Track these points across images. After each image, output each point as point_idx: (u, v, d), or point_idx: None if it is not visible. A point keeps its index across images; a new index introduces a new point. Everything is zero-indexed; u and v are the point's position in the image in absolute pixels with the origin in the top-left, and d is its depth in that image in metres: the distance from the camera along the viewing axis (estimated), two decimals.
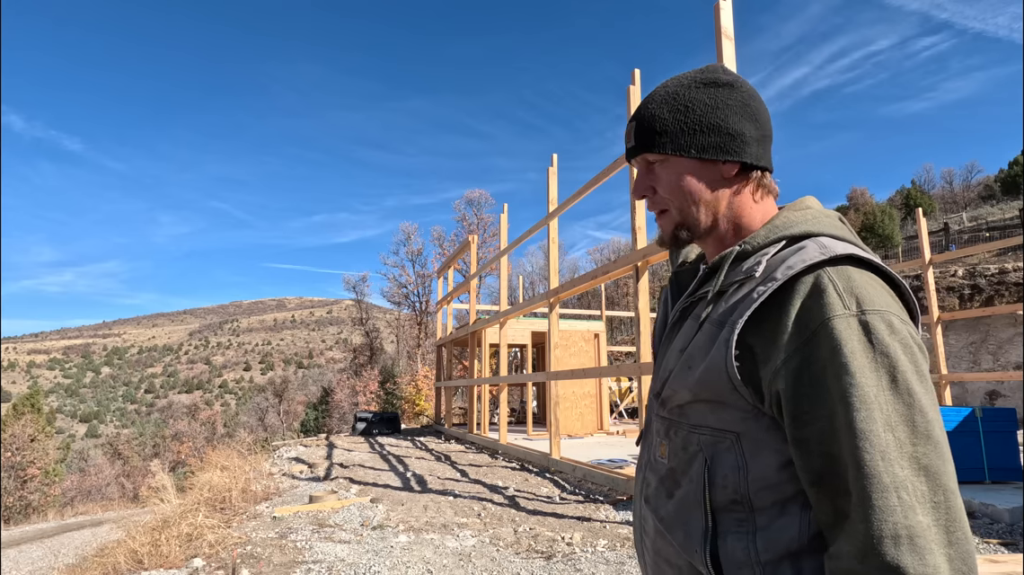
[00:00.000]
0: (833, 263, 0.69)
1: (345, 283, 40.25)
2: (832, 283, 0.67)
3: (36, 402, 27.65)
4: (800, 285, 0.68)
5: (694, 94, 0.83)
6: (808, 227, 0.76)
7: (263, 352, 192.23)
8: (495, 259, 10.95)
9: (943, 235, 25.69)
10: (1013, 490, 4.85)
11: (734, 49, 4.61)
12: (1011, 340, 13.42)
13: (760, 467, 0.70)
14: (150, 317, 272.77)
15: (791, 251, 0.73)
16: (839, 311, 0.65)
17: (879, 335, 0.64)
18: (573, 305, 29.08)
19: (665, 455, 0.81)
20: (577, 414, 12.05)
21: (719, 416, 0.74)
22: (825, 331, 0.65)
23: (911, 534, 0.58)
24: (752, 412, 0.71)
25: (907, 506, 0.59)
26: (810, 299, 0.67)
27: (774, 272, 0.71)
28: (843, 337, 0.64)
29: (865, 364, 0.63)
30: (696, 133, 0.81)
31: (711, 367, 0.73)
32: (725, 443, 0.73)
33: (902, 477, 0.60)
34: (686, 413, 0.78)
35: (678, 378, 0.79)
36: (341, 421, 31.73)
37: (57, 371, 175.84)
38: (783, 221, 0.78)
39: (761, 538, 0.70)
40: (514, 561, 3.92)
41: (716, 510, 0.73)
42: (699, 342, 0.77)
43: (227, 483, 6.58)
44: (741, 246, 0.78)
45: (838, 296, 0.66)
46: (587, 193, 7.17)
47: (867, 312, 0.65)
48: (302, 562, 3.98)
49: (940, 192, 47.21)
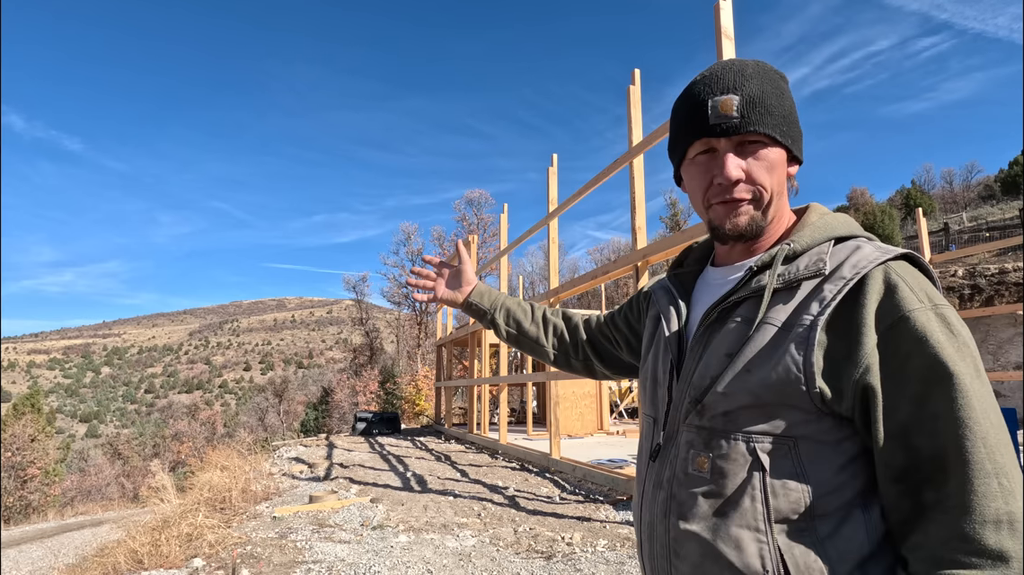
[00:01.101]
0: (895, 260, 0.71)
1: (345, 283, 40.31)
2: (902, 279, 0.68)
3: (36, 402, 27.64)
4: (871, 281, 0.69)
5: (779, 82, 0.80)
6: (851, 229, 0.78)
7: (263, 352, 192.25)
8: (495, 259, 10.95)
9: (943, 235, 25.68)
10: None
11: (734, 49, 4.61)
12: (1011, 340, 13.42)
13: (819, 472, 0.69)
14: (150, 317, 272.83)
15: (845, 250, 0.74)
16: (916, 304, 0.66)
17: (956, 327, 0.66)
18: (573, 305, 29.09)
19: (706, 468, 0.75)
20: (577, 414, 12.06)
21: (777, 421, 0.71)
22: (907, 323, 0.65)
23: (1012, 519, 0.59)
24: (815, 414, 0.69)
25: (1007, 492, 0.60)
26: (886, 295, 0.68)
27: (839, 270, 0.71)
28: (928, 328, 0.65)
29: (954, 353, 0.64)
30: (790, 124, 0.79)
31: (782, 369, 0.70)
32: (782, 450, 0.70)
33: (1002, 463, 0.60)
34: (735, 420, 0.73)
35: (731, 383, 0.74)
36: (341, 421, 31.72)
37: (57, 371, 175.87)
38: (823, 223, 0.78)
39: (831, 546, 0.68)
40: (514, 561, 3.92)
41: (777, 521, 0.70)
42: (759, 344, 0.73)
43: (227, 483, 6.58)
44: (790, 244, 0.76)
45: (911, 291, 0.67)
46: (587, 193, 7.17)
47: (940, 306, 0.67)
48: (302, 562, 3.97)
49: (940, 192, 47.17)
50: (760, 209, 0.78)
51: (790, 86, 0.83)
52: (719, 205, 0.79)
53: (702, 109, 0.77)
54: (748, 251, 0.84)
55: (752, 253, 0.83)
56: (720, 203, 0.79)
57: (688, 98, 0.81)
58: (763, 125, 0.76)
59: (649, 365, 0.92)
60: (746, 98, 0.76)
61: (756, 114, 0.76)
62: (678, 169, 0.86)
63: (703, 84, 0.79)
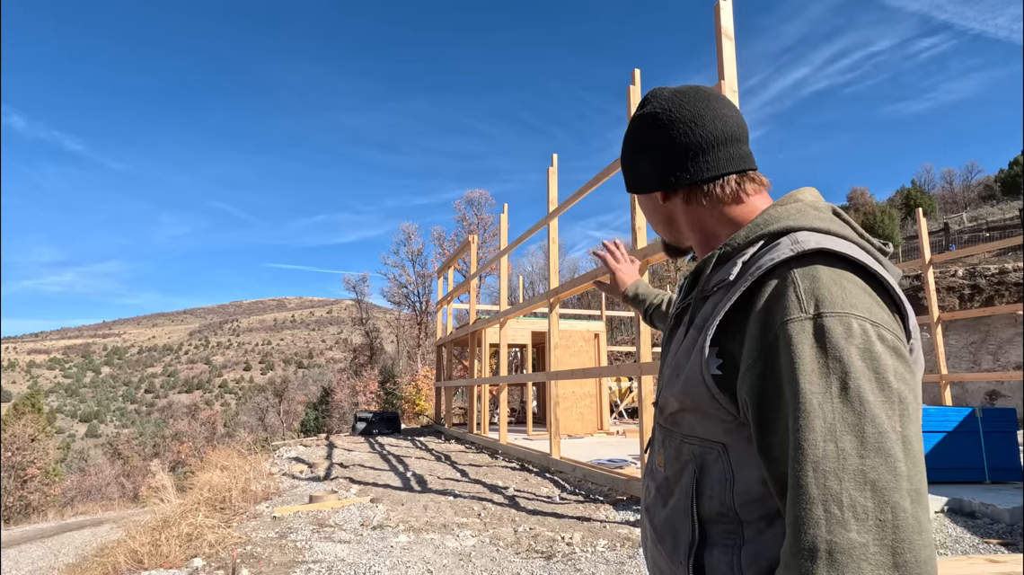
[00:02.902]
0: (801, 260, 0.65)
1: (345, 283, 40.31)
2: (794, 283, 0.63)
3: (36, 402, 27.65)
4: (765, 287, 0.65)
5: (637, 138, 0.89)
6: (789, 222, 0.71)
7: (263, 352, 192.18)
8: (495, 259, 10.94)
9: (943, 235, 25.68)
10: (1013, 490, 4.85)
11: (734, 49, 4.61)
12: (1011, 340, 13.42)
13: (746, 479, 0.68)
14: (150, 317, 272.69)
15: (766, 250, 0.70)
16: (795, 314, 0.61)
17: (833, 339, 0.59)
18: (573, 305, 29.08)
19: (662, 464, 0.81)
20: (577, 414, 12.05)
21: (705, 426, 0.72)
22: (783, 335, 0.61)
23: (831, 549, 0.54)
24: (734, 423, 0.69)
25: (836, 520, 0.54)
26: (772, 301, 0.64)
27: (746, 273, 0.69)
28: (795, 341, 0.60)
29: (814, 370, 0.59)
30: (639, 171, 0.90)
31: (691, 375, 0.72)
32: (713, 454, 0.71)
33: (836, 490, 0.55)
34: (678, 422, 0.77)
35: (669, 386, 0.79)
36: (341, 421, 31.73)
37: (57, 371, 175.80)
38: (764, 218, 0.75)
39: (746, 552, 0.68)
40: (514, 561, 3.92)
41: (704, 521, 0.72)
42: (685, 348, 0.76)
43: (227, 483, 6.58)
44: (722, 249, 0.76)
45: (796, 298, 0.62)
46: (587, 193, 7.17)
47: (824, 315, 0.60)
48: (302, 562, 3.97)
49: (940, 192, 47.16)
50: (663, 236, 0.93)
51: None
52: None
53: None
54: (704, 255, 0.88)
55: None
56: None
57: None
58: (627, 185, 0.93)
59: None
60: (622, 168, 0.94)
61: (625, 180, 0.94)
62: None
63: None
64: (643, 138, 0.87)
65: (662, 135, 0.84)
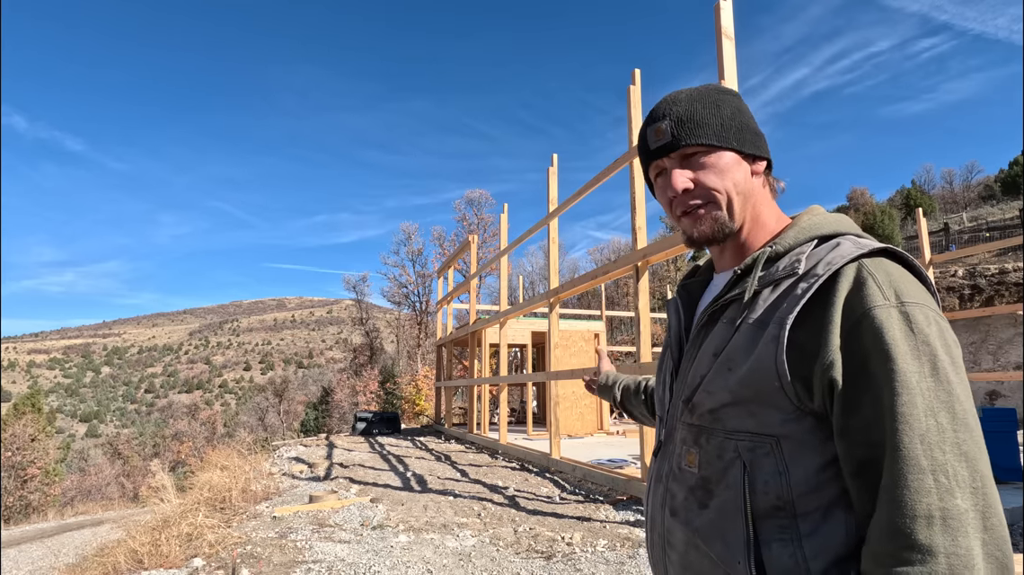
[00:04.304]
0: (870, 257, 0.72)
1: (345, 283, 40.35)
2: (872, 275, 0.69)
3: (36, 402, 27.64)
4: (842, 279, 0.70)
5: (716, 96, 0.86)
6: (837, 227, 0.79)
7: (263, 352, 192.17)
8: (495, 259, 10.95)
9: (943, 235, 25.67)
10: (1013, 490, 4.85)
11: (734, 49, 4.61)
12: (1011, 340, 13.41)
13: (801, 470, 0.70)
14: (150, 317, 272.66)
15: (826, 248, 0.75)
16: (880, 301, 0.67)
17: (919, 325, 0.66)
18: (573, 305, 29.07)
19: (694, 464, 0.80)
20: (577, 414, 12.05)
21: (759, 419, 0.73)
22: (868, 320, 0.66)
23: (945, 515, 0.59)
24: (795, 413, 0.71)
25: (944, 489, 0.60)
26: (853, 291, 0.69)
27: (814, 268, 0.73)
28: (885, 326, 0.65)
29: (907, 351, 0.64)
30: (732, 128, 0.84)
31: (757, 366, 0.73)
32: (764, 448, 0.72)
33: (942, 461, 0.61)
34: (720, 418, 0.77)
35: (714, 381, 0.78)
36: (341, 421, 31.73)
37: (57, 371, 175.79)
38: (809, 223, 0.80)
39: (808, 544, 0.69)
40: (514, 561, 3.92)
41: (757, 518, 0.72)
42: (739, 343, 0.76)
43: (227, 483, 6.58)
44: (772, 247, 0.79)
45: (878, 288, 0.68)
46: (587, 193, 7.17)
47: (906, 303, 0.67)
48: (302, 562, 3.97)
49: (940, 192, 47.12)
50: (722, 210, 0.83)
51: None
52: (683, 217, 0.86)
53: (644, 140, 0.88)
54: (739, 255, 0.87)
55: (742, 258, 0.87)
56: (683, 214, 0.85)
57: (639, 134, 0.91)
58: (695, 137, 0.82)
59: (658, 368, 0.99)
60: (674, 119, 0.84)
61: (686, 130, 0.83)
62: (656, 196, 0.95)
63: (646, 119, 0.89)
64: (739, 105, 0.87)
65: (748, 114, 0.87)
